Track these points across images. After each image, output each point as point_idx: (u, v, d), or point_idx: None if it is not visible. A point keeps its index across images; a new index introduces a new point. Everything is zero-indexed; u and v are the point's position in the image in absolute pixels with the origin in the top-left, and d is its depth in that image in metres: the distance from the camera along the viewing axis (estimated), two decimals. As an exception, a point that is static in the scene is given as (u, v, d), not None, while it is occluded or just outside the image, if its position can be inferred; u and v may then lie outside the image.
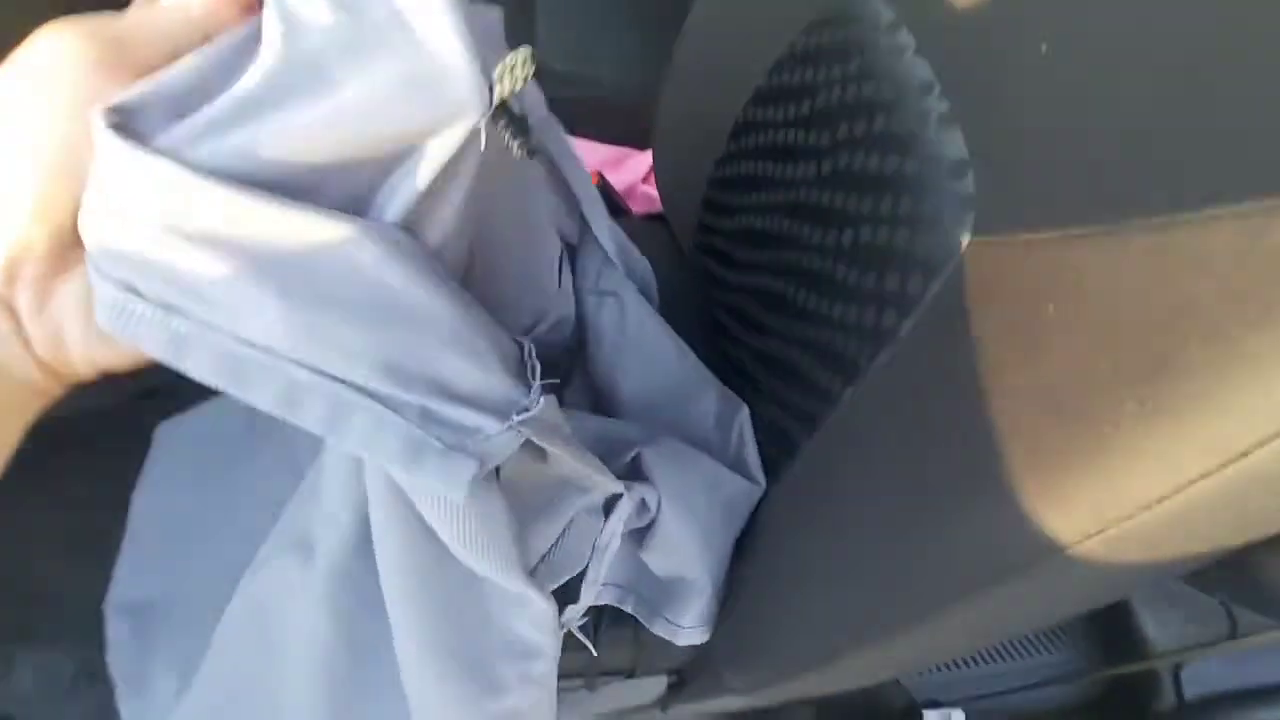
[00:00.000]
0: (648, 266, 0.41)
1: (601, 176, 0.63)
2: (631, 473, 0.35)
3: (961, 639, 0.27)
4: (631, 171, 0.69)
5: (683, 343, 0.40)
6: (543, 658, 0.30)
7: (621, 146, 0.69)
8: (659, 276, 0.61)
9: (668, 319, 0.52)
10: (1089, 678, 0.74)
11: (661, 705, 0.61)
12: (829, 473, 0.34)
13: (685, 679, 0.58)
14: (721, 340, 0.53)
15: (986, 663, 0.72)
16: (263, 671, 0.33)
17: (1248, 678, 0.72)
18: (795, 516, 0.36)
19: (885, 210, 0.33)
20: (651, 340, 0.38)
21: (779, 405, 0.41)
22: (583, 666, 0.46)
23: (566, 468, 0.29)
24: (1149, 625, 0.71)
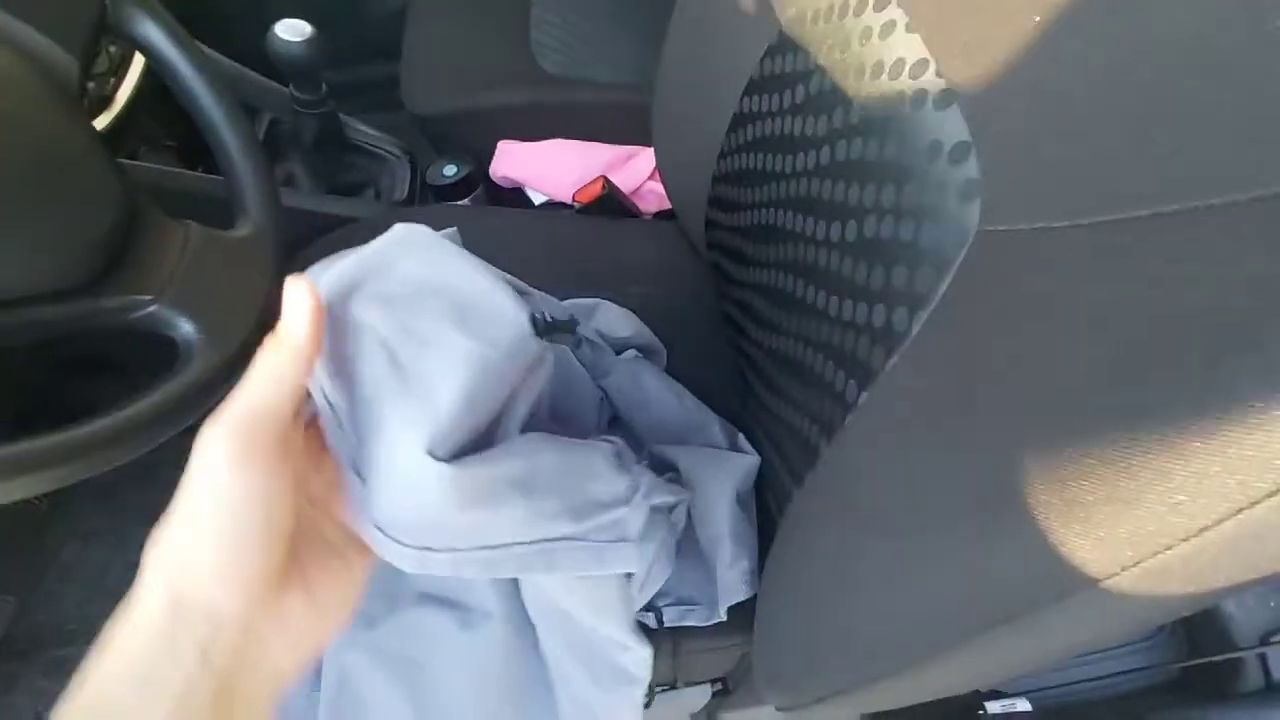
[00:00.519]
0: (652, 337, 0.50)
1: (607, 181, 0.61)
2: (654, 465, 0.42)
3: (995, 669, 0.25)
4: (638, 170, 0.67)
5: (679, 387, 0.48)
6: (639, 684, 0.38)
7: (625, 145, 0.67)
8: (671, 277, 0.60)
9: (682, 320, 0.55)
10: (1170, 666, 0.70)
11: (708, 714, 0.60)
12: (848, 486, 0.32)
13: (729, 688, 0.57)
14: (738, 338, 0.51)
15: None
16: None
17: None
18: (817, 529, 0.35)
19: (888, 201, 0.30)
20: (654, 397, 0.47)
21: (795, 407, 0.39)
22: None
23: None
24: (1230, 602, 0.67)
